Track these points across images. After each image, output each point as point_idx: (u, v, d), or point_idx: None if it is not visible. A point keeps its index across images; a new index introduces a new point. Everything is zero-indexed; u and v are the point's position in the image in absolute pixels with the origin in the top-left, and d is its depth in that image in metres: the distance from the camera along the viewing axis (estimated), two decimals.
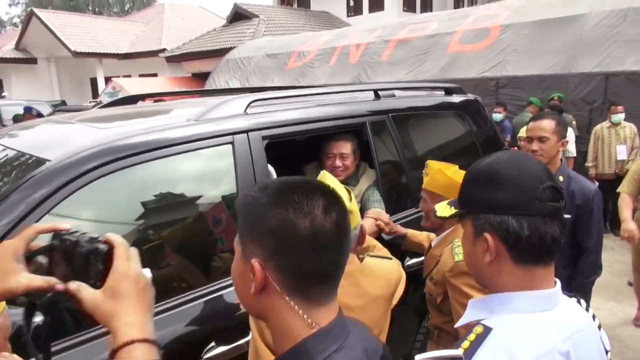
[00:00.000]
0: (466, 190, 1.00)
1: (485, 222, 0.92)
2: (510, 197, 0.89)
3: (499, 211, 0.90)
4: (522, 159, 0.93)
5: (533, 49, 7.69)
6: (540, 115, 2.51)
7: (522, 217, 0.89)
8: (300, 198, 0.79)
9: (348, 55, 10.55)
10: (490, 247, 0.91)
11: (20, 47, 20.34)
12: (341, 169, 2.45)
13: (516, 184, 0.90)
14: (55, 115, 3.80)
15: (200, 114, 1.91)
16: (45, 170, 1.50)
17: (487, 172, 0.94)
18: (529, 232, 0.88)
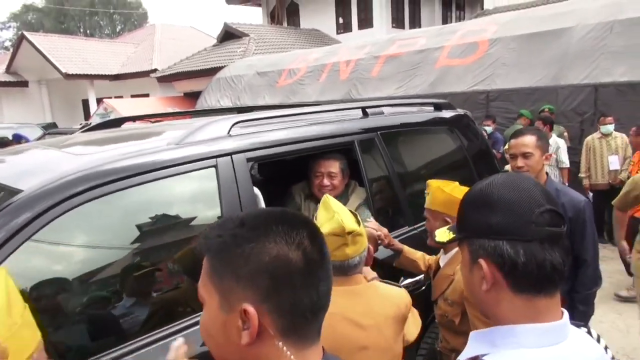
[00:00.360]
0: (462, 214, 0.94)
1: (479, 248, 0.86)
2: (504, 221, 0.84)
3: (493, 236, 0.84)
4: (518, 181, 0.88)
5: (522, 62, 7.73)
6: (520, 131, 2.49)
7: (517, 243, 0.83)
8: (286, 229, 0.74)
9: (338, 72, 10.58)
10: (485, 274, 0.85)
11: (11, 70, 20.30)
12: (329, 188, 2.40)
13: (510, 207, 0.84)
14: (34, 142, 3.75)
15: (181, 137, 1.86)
16: (16, 201, 1.43)
17: (481, 195, 0.90)
18: (525, 258, 0.82)
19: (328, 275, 0.77)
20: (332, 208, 1.53)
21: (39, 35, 20.84)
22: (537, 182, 0.90)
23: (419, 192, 2.89)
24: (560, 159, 5.97)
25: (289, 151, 2.14)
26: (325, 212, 1.55)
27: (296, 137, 2.18)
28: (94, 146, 2.03)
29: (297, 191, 2.55)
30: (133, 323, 1.58)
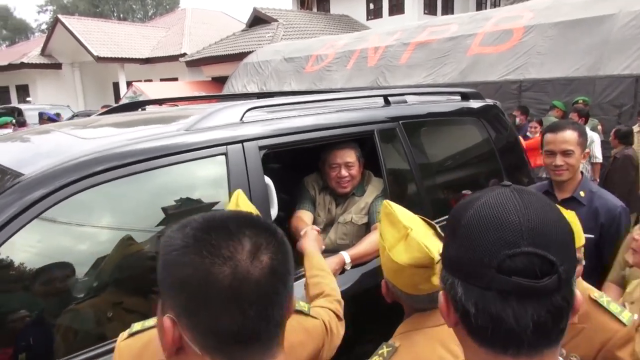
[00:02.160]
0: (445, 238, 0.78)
1: (442, 278, 0.72)
2: (461, 257, 0.66)
3: (450, 270, 0.69)
4: (502, 207, 0.66)
5: (558, 50, 7.40)
6: (559, 125, 2.24)
7: (472, 288, 0.65)
8: (220, 239, 0.64)
9: (366, 58, 10.38)
10: (441, 309, 0.71)
11: (45, 52, 20.80)
12: (348, 179, 2.29)
13: (472, 240, 0.65)
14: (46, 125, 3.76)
15: (191, 123, 1.79)
16: (18, 184, 1.39)
17: (456, 212, 0.71)
18: (475, 309, 0.64)
19: (273, 296, 0.65)
20: (401, 222, 1.25)
21: (73, 19, 21.24)
22: (546, 207, 0.67)
23: (441, 186, 2.77)
24: (593, 154, 5.70)
25: (304, 140, 2.05)
26: (394, 230, 1.27)
27: (312, 125, 2.09)
28: (103, 130, 1.99)
29: (310, 183, 2.44)
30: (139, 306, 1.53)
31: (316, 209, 2.38)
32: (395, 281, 1.27)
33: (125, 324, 1.18)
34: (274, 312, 0.66)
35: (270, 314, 0.66)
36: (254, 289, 0.64)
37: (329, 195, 2.40)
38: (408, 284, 1.24)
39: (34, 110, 13.89)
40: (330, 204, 2.38)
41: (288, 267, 0.69)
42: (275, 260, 0.66)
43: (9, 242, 1.32)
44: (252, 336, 0.65)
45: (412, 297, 1.26)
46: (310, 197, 2.40)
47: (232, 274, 0.63)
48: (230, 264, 0.63)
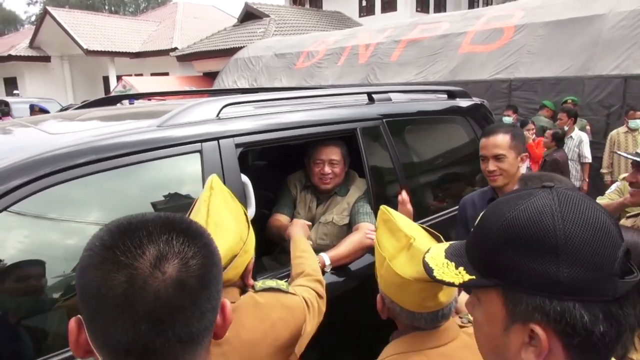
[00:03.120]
0: (495, 248, 0.66)
1: (534, 309, 0.61)
2: (581, 275, 0.59)
3: (561, 295, 0.59)
4: (584, 206, 0.62)
5: (548, 50, 7.39)
6: (491, 129, 2.18)
7: (595, 305, 0.59)
8: (125, 245, 0.59)
9: (357, 55, 10.33)
10: (542, 344, 0.61)
11: (34, 45, 20.48)
12: (330, 177, 2.25)
13: (587, 254, 0.59)
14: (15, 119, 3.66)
15: (165, 119, 1.73)
16: None
17: (538, 228, 0.61)
18: (606, 326, 0.59)
19: (166, 314, 0.59)
20: (402, 230, 1.14)
21: (62, 11, 20.95)
22: (596, 202, 0.64)
23: (426, 186, 2.74)
24: (583, 154, 5.71)
25: (283, 137, 1.99)
26: (393, 239, 1.16)
27: (292, 122, 2.03)
28: (74, 125, 1.92)
29: (292, 182, 2.40)
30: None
31: (296, 208, 2.33)
32: (396, 297, 1.12)
33: None
34: (174, 328, 0.59)
35: (169, 330, 0.59)
36: (149, 301, 0.58)
37: (310, 193, 2.35)
38: (412, 301, 1.10)
39: (21, 104, 13.71)
40: (312, 202, 2.33)
41: (204, 281, 0.62)
42: (184, 272, 0.60)
43: None
44: (145, 352, 0.59)
45: (414, 315, 1.12)
46: (291, 197, 2.36)
47: (126, 283, 0.58)
48: (126, 272, 0.58)
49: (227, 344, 1.16)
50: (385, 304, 1.18)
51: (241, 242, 1.23)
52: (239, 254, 1.21)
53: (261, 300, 1.27)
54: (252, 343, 1.19)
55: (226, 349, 1.15)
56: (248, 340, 1.19)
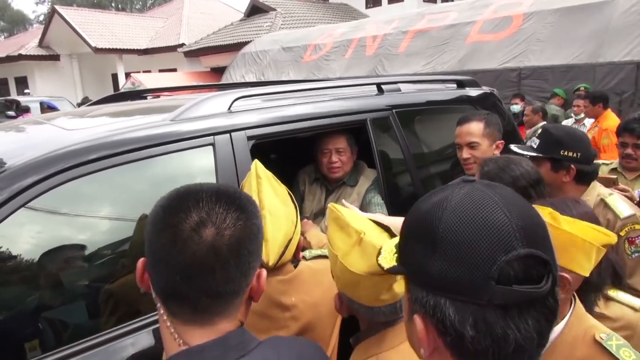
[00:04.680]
0: (401, 237, 0.67)
1: (415, 299, 0.60)
2: (449, 271, 0.56)
3: (433, 290, 0.58)
4: (485, 203, 0.58)
5: (558, 37, 7.30)
6: (465, 117, 2.19)
7: (466, 306, 0.55)
8: (176, 208, 0.72)
9: (364, 47, 10.28)
10: (421, 338, 0.60)
11: (43, 44, 20.65)
12: (338, 165, 2.27)
13: (461, 250, 0.56)
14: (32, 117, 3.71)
15: (178, 112, 1.75)
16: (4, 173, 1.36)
17: (425, 219, 0.60)
18: (476, 331, 0.55)
19: (198, 273, 0.70)
20: (351, 226, 1.13)
21: (70, 10, 21.08)
22: (520, 201, 0.61)
23: (436, 176, 2.74)
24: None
25: (294, 129, 2.01)
26: (344, 236, 1.14)
27: (303, 114, 2.05)
28: (88, 121, 1.96)
29: (302, 177, 2.44)
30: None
31: (304, 202, 2.37)
32: (352, 293, 1.11)
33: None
34: (202, 284, 0.71)
35: (197, 286, 0.71)
36: (185, 259, 0.69)
37: (320, 185, 2.37)
38: (368, 296, 1.09)
39: (32, 103, 13.86)
40: (322, 194, 2.36)
41: (234, 250, 0.72)
42: (218, 240, 0.70)
43: None
44: (179, 298, 0.72)
45: (372, 310, 1.11)
46: (300, 191, 2.40)
47: (170, 242, 0.70)
48: (171, 231, 0.70)
49: (295, 308, 1.30)
50: (343, 302, 1.17)
51: (293, 225, 1.33)
52: (292, 237, 1.31)
53: (315, 266, 1.42)
54: (314, 304, 1.33)
55: (295, 312, 1.30)
56: (311, 302, 1.33)
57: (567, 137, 1.96)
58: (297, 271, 1.36)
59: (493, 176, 1.63)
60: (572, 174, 1.94)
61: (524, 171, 1.64)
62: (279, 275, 1.32)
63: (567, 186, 1.96)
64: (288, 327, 1.30)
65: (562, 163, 1.94)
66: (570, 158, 1.92)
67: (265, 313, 1.29)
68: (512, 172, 1.63)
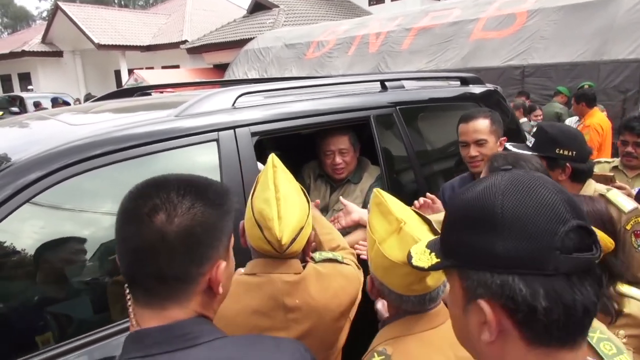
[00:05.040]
0: (449, 231, 0.69)
1: (478, 284, 0.62)
2: (515, 248, 0.59)
3: (500, 269, 0.60)
4: (532, 184, 0.62)
5: (562, 35, 7.28)
6: (470, 114, 2.18)
7: (535, 279, 0.59)
8: (134, 194, 0.78)
9: (367, 44, 10.27)
10: (489, 321, 0.62)
11: (46, 40, 20.67)
12: (342, 166, 2.27)
13: (524, 226, 0.60)
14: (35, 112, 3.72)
15: (182, 108, 1.75)
16: (9, 168, 1.37)
17: (479, 206, 0.64)
18: (547, 302, 0.58)
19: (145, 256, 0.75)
20: (393, 214, 1.14)
21: (73, 6, 21.06)
22: (555, 183, 0.66)
23: (440, 174, 2.73)
24: None
25: (298, 126, 2.01)
26: (384, 222, 1.16)
27: (307, 111, 2.05)
28: (93, 117, 1.96)
29: (307, 171, 2.43)
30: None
31: (310, 196, 2.36)
32: (384, 279, 1.15)
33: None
34: (148, 267, 0.74)
35: (145, 267, 0.75)
36: (136, 242, 0.74)
37: (324, 182, 2.37)
38: (399, 283, 1.12)
39: (35, 99, 13.89)
40: (326, 190, 2.35)
41: (184, 237, 0.74)
42: (167, 226, 0.74)
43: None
44: (133, 281, 0.77)
45: (401, 298, 1.14)
46: (305, 186, 2.38)
47: (126, 224, 0.76)
48: (129, 215, 0.76)
49: (298, 311, 1.28)
50: (375, 285, 1.20)
51: (305, 215, 1.32)
52: (304, 227, 1.30)
53: (323, 270, 1.38)
54: (318, 309, 1.30)
55: (297, 315, 1.28)
56: (315, 307, 1.30)
57: (562, 136, 1.95)
58: (304, 273, 1.33)
59: None
60: (568, 173, 1.93)
61: (532, 168, 1.65)
62: (285, 274, 1.30)
63: (563, 185, 1.96)
64: (289, 328, 1.28)
65: (557, 162, 1.93)
66: (566, 156, 1.92)
67: (267, 312, 1.27)
68: (520, 168, 1.64)
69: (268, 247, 1.25)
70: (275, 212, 1.22)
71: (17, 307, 1.40)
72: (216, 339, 0.77)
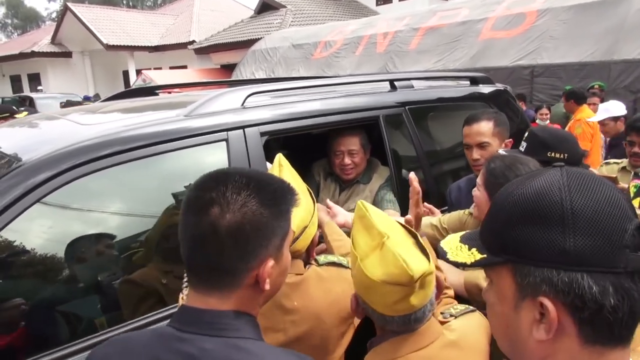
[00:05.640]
0: (504, 226, 0.65)
1: (541, 281, 0.60)
2: (586, 245, 0.58)
3: (568, 266, 0.58)
4: (594, 181, 0.62)
5: (572, 34, 7.22)
6: (474, 116, 2.13)
7: (605, 277, 0.57)
8: (197, 186, 0.83)
9: (375, 44, 10.25)
10: (551, 319, 0.60)
11: (56, 41, 20.83)
12: (351, 167, 2.25)
13: (596, 223, 0.58)
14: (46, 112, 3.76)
15: (192, 108, 1.75)
16: (20, 168, 1.37)
17: (544, 201, 0.61)
18: (616, 300, 0.57)
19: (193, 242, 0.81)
20: (376, 228, 1.08)
21: (82, 7, 21.21)
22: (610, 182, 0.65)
23: (449, 174, 2.72)
24: None
25: (307, 125, 2.01)
26: (367, 237, 1.10)
27: (316, 111, 2.04)
28: (102, 117, 1.96)
29: (316, 170, 2.42)
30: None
31: (320, 195, 2.35)
32: (367, 298, 1.09)
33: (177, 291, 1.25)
34: (203, 257, 0.80)
35: (198, 257, 0.80)
36: (192, 232, 0.80)
37: (334, 181, 2.36)
38: (382, 303, 1.05)
39: (45, 99, 14.00)
40: (335, 190, 2.35)
41: (233, 232, 0.78)
42: (219, 220, 0.77)
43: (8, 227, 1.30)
44: (188, 267, 0.84)
45: (384, 318, 1.08)
46: (315, 185, 2.38)
47: (185, 215, 0.81)
48: (188, 206, 0.81)
49: (297, 313, 1.25)
50: (359, 304, 1.14)
51: (309, 215, 1.30)
52: (308, 226, 1.28)
53: (325, 274, 1.34)
54: (318, 314, 1.27)
55: (296, 317, 1.25)
56: (314, 311, 1.27)
57: (552, 139, 1.93)
58: (305, 276, 1.31)
59: (499, 174, 1.60)
60: None
61: (529, 171, 1.62)
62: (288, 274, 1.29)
63: None
64: (286, 330, 1.25)
65: (549, 165, 1.89)
66: (557, 159, 1.88)
67: (265, 312, 1.22)
68: (518, 170, 1.60)
69: None
70: None
71: (24, 307, 1.40)
72: (245, 339, 0.79)
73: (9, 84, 22.84)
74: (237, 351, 0.76)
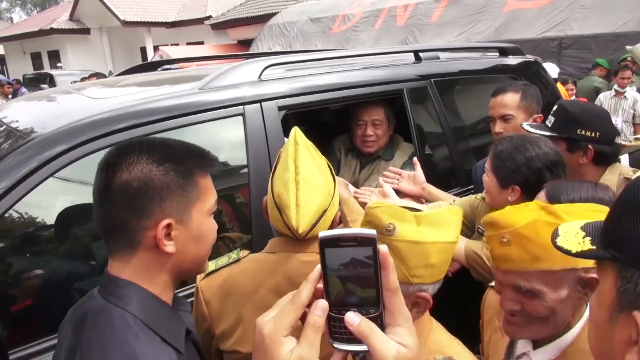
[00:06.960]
0: (618, 218, 0.55)
1: None
2: None
3: None
4: None
5: (604, 3, 6.86)
6: (501, 88, 2.00)
7: None
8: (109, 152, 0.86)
9: (395, 17, 9.95)
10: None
11: (74, 18, 20.85)
12: (373, 139, 2.16)
13: None
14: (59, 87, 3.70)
15: (207, 81, 1.67)
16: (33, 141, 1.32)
17: None
18: None
19: (102, 204, 0.82)
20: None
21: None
22: None
23: (476, 150, 2.60)
24: (638, 113, 5.35)
25: (327, 99, 1.91)
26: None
27: (336, 84, 1.94)
28: (115, 91, 1.90)
29: (337, 145, 2.33)
30: None
31: (340, 171, 2.27)
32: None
33: None
34: (101, 217, 0.82)
35: (98, 217, 0.83)
36: (94, 197, 0.83)
37: (355, 157, 2.27)
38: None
39: (65, 76, 14.08)
40: (356, 167, 2.26)
41: (123, 193, 0.79)
42: (112, 180, 0.79)
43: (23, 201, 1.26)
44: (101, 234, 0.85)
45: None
46: (336, 161, 2.30)
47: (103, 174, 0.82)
48: (97, 169, 0.84)
49: None
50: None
51: (329, 196, 1.23)
52: (328, 209, 1.22)
53: None
54: None
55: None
56: None
57: (585, 115, 1.74)
58: None
59: (506, 157, 1.51)
60: (591, 156, 1.72)
61: (540, 152, 1.49)
62: (304, 253, 1.22)
63: (585, 168, 1.76)
64: None
65: (579, 143, 1.72)
66: (589, 138, 1.71)
67: (282, 293, 1.18)
68: (527, 152, 1.49)
69: (287, 231, 1.18)
70: (293, 199, 1.14)
71: (38, 282, 1.37)
72: (119, 308, 0.78)
73: (30, 61, 23.05)
74: (96, 317, 0.78)
